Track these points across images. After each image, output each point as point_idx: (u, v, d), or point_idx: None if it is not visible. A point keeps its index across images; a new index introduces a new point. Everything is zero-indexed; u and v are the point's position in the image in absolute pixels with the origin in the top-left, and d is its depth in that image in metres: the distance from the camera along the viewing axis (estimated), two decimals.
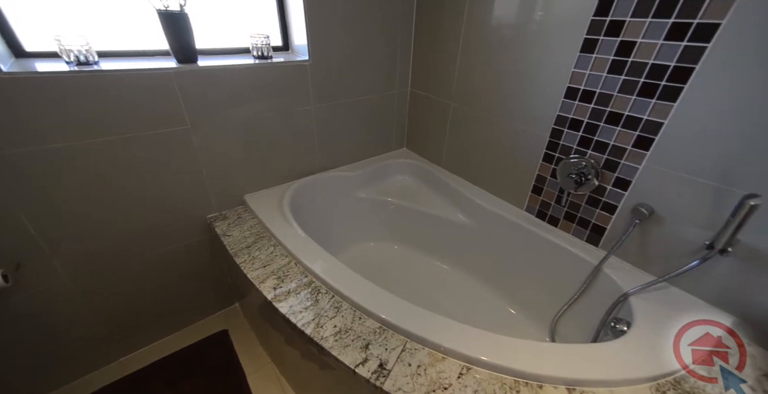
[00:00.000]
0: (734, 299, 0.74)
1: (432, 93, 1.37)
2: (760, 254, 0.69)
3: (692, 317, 0.74)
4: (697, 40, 0.69)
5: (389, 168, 1.48)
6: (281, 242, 0.98)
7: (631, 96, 0.82)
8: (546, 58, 0.95)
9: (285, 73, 1.10)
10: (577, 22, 0.85)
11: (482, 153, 1.25)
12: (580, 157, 0.95)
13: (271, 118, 1.14)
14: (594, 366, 0.65)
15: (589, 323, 0.92)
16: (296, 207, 1.15)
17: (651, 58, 0.76)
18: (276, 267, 0.92)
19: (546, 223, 1.10)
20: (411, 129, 1.56)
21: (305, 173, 1.32)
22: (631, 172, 0.86)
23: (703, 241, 0.74)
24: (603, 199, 0.93)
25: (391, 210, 1.41)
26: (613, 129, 0.87)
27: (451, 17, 1.17)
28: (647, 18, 0.75)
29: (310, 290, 0.85)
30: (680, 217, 0.79)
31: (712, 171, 0.72)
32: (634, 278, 0.85)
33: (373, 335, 0.74)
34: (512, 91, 1.07)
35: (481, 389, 0.63)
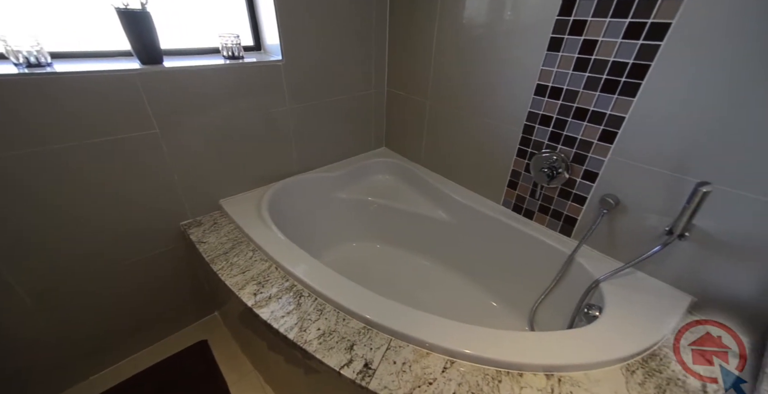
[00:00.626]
0: (692, 280, 0.80)
1: (409, 92, 1.38)
2: (712, 238, 0.74)
3: (659, 301, 0.79)
4: (651, 38, 0.73)
5: (369, 168, 1.48)
6: (260, 246, 0.96)
7: (595, 92, 0.85)
8: (516, 56, 0.98)
9: (258, 74, 1.08)
10: (543, 22, 0.88)
11: (459, 150, 1.27)
12: (551, 151, 0.98)
13: (245, 120, 1.11)
14: (569, 351, 0.68)
15: (565, 311, 0.96)
16: (275, 210, 1.13)
17: (612, 56, 0.80)
18: (256, 272, 0.90)
19: (522, 216, 1.14)
20: (389, 128, 1.56)
21: (284, 175, 1.30)
22: (597, 164, 0.90)
23: (663, 227, 0.79)
24: (573, 191, 0.97)
25: (372, 209, 1.41)
26: (580, 124, 0.91)
27: (423, 16, 1.18)
28: (606, 18, 0.79)
29: (292, 294, 0.84)
30: (642, 205, 0.84)
31: (669, 161, 0.77)
32: (604, 265, 0.89)
33: (358, 335, 0.74)
34: (485, 89, 1.10)
35: (465, 381, 0.65)
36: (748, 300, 0.72)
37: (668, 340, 0.71)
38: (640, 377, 0.64)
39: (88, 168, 0.87)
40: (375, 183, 1.48)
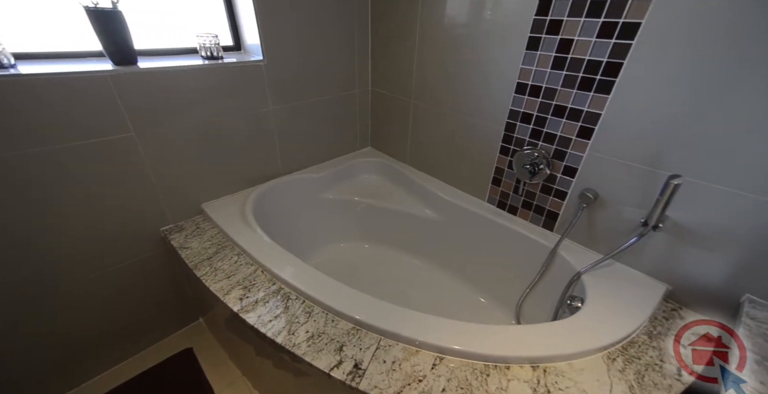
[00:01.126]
0: (667, 270, 0.83)
1: (393, 91, 1.38)
2: (684, 228, 0.77)
3: (636, 291, 0.82)
4: (623, 37, 0.76)
5: (355, 168, 1.48)
6: (245, 250, 0.94)
7: (572, 90, 0.88)
8: (496, 55, 1.00)
9: (239, 74, 1.06)
10: (522, 22, 0.90)
11: (444, 149, 1.28)
12: (532, 148, 1.01)
13: (226, 122, 1.09)
14: (554, 343, 0.69)
15: (549, 303, 0.99)
16: (260, 213, 1.11)
17: (587, 55, 0.82)
18: (241, 277, 0.88)
19: (506, 212, 1.16)
20: (375, 128, 1.56)
21: (268, 177, 1.28)
22: (576, 160, 0.93)
23: (639, 219, 0.82)
24: (555, 186, 1.00)
25: (359, 210, 1.41)
26: (559, 121, 0.93)
27: (405, 16, 1.19)
28: (581, 17, 0.81)
29: (280, 298, 0.83)
30: (619, 199, 0.87)
31: (642, 155, 0.80)
32: (584, 258, 0.92)
33: (347, 336, 0.73)
34: (468, 88, 1.11)
35: (454, 376, 0.65)
36: (718, 286, 0.76)
37: (646, 327, 0.75)
38: (621, 364, 0.67)
39: (59, 174, 0.83)
40: (361, 183, 1.47)
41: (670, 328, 0.75)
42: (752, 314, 0.67)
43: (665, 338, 0.72)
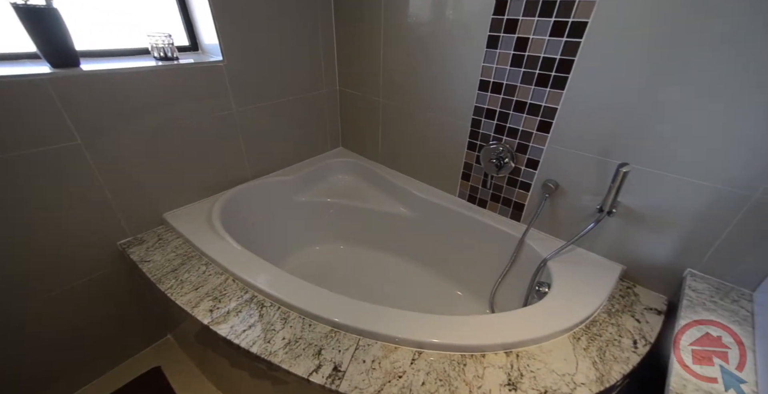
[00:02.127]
0: (621, 251, 0.90)
1: (361, 91, 1.38)
2: (634, 212, 0.84)
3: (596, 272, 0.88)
4: (573, 35, 0.80)
5: (327, 169, 1.46)
6: (214, 259, 0.90)
7: (530, 86, 0.92)
8: (459, 53, 1.02)
9: (197, 76, 1.01)
10: (481, 21, 0.93)
11: (415, 146, 1.30)
12: (497, 143, 1.04)
13: (187, 126, 1.04)
14: (524, 328, 0.73)
15: (520, 291, 1.03)
16: (229, 220, 1.07)
17: (542, 52, 0.86)
18: (210, 287, 0.84)
19: (476, 205, 1.20)
20: (345, 128, 1.55)
21: (235, 182, 1.23)
22: (538, 153, 0.97)
23: (595, 206, 0.88)
24: (519, 179, 1.04)
25: (333, 211, 1.39)
26: (520, 116, 0.97)
27: (368, 16, 1.19)
28: (535, 17, 0.85)
29: (254, 306, 0.80)
30: (578, 187, 0.93)
31: (595, 146, 0.85)
32: (549, 245, 0.97)
33: (325, 339, 0.73)
34: (434, 86, 1.13)
35: (433, 369, 0.67)
36: (665, 263, 0.83)
37: (605, 306, 0.80)
38: (585, 343, 0.71)
39: (4, 186, 0.76)
40: (334, 184, 1.46)
41: (626, 305, 0.81)
42: (693, 286, 0.74)
43: (623, 315, 0.78)
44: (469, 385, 0.64)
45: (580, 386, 0.63)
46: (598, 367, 0.66)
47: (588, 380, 0.64)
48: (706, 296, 0.72)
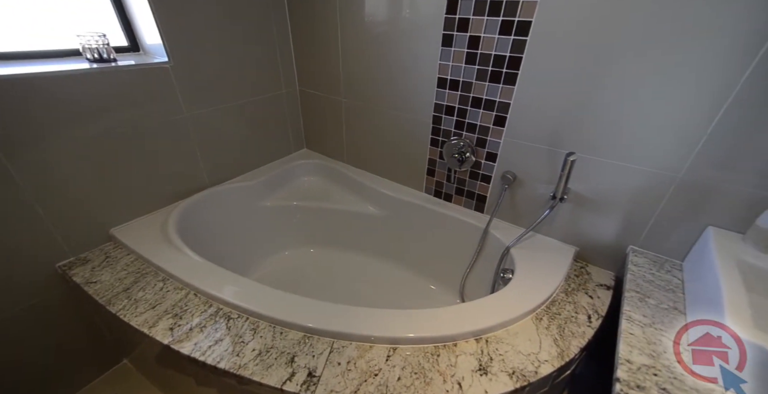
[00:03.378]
0: (574, 234, 0.97)
1: (322, 91, 1.35)
2: (583, 197, 0.91)
3: (553, 256, 0.94)
4: (519, 34, 0.85)
5: (292, 171, 1.43)
6: (172, 274, 0.84)
7: (485, 82, 0.96)
8: (417, 51, 1.03)
9: (140, 79, 0.93)
10: (435, 20, 0.95)
11: (380, 145, 1.30)
12: (458, 138, 1.08)
13: (132, 133, 0.95)
14: (492, 314, 0.76)
15: (487, 279, 1.08)
16: (187, 231, 1.00)
17: (493, 50, 0.90)
18: (169, 304, 0.79)
19: (442, 200, 1.23)
20: (308, 129, 1.52)
21: (192, 191, 1.16)
22: (496, 146, 1.02)
23: (549, 194, 0.94)
24: (481, 172, 1.09)
25: (300, 214, 1.36)
26: (477, 112, 1.01)
27: (324, 15, 1.17)
28: (484, 16, 0.88)
29: (219, 319, 0.76)
30: (533, 177, 0.98)
31: (545, 138, 0.91)
32: (511, 233, 1.02)
33: (298, 345, 0.71)
34: (394, 84, 1.14)
35: (408, 363, 0.68)
36: (611, 242, 0.91)
37: (562, 286, 0.86)
38: (546, 322, 0.77)
39: None
40: (300, 186, 1.43)
41: (580, 283, 0.88)
42: (635, 261, 0.82)
43: (578, 293, 0.85)
44: (443, 374, 0.65)
45: (544, 363, 0.67)
46: (558, 343, 0.71)
47: (550, 356, 0.69)
48: (646, 269, 0.80)
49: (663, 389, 0.54)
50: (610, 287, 0.86)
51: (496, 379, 0.64)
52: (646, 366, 0.58)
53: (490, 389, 0.63)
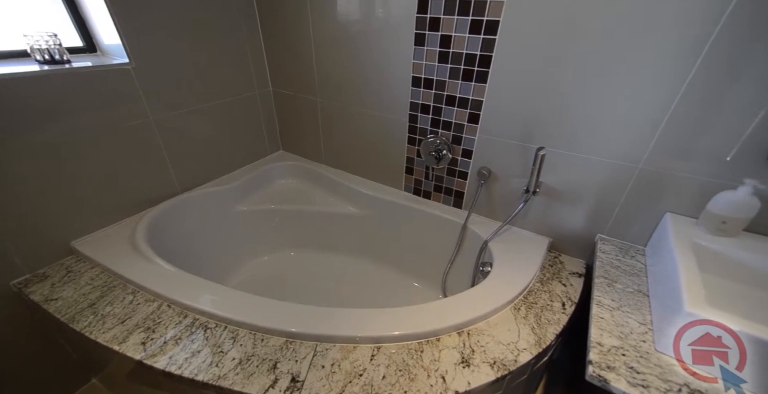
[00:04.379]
0: (547, 225, 1.01)
1: (296, 91, 1.33)
2: (554, 190, 0.95)
3: (528, 247, 0.98)
4: (489, 33, 0.87)
5: (268, 174, 1.39)
6: (142, 285, 0.80)
7: (458, 81, 0.97)
8: (391, 51, 1.04)
9: (98, 81, 0.88)
10: (407, 19, 0.95)
11: (357, 144, 1.30)
12: (434, 136, 1.09)
13: (93, 139, 0.90)
14: (472, 307, 0.78)
15: (467, 273, 1.11)
16: (158, 240, 0.96)
17: (464, 49, 0.92)
18: (140, 318, 0.75)
19: (422, 197, 1.24)
20: (284, 130, 1.49)
21: (162, 198, 1.10)
22: (471, 143, 1.04)
23: (523, 188, 0.97)
24: (457, 168, 1.11)
25: (279, 217, 1.33)
26: (452, 109, 1.03)
27: (295, 14, 1.15)
28: (454, 15, 0.89)
29: (196, 330, 0.73)
30: (507, 172, 1.01)
31: (517, 133, 0.94)
32: (489, 227, 1.05)
33: (280, 351, 0.69)
34: (370, 84, 1.14)
35: (392, 361, 0.68)
36: (581, 232, 0.95)
37: (538, 276, 0.90)
38: (524, 312, 0.79)
39: None
40: (277, 189, 1.40)
41: (554, 272, 0.92)
42: (603, 248, 0.87)
43: (553, 282, 0.89)
44: (426, 370, 0.66)
45: (523, 351, 0.70)
46: (536, 331, 0.74)
47: (529, 344, 0.71)
48: (613, 255, 0.85)
49: (630, 367, 0.58)
50: (581, 275, 0.91)
51: (478, 370, 0.66)
52: (615, 347, 0.61)
53: (472, 381, 0.64)
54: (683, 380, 0.56)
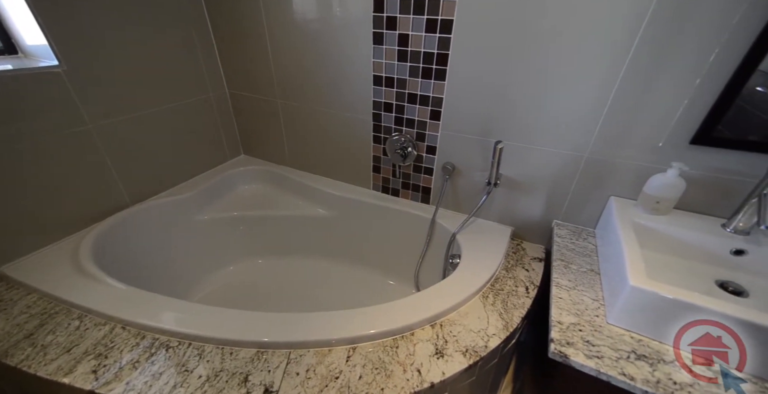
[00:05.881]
0: (509, 215, 1.06)
1: (254, 92, 1.28)
2: (513, 181, 1.00)
3: (493, 237, 1.02)
4: (444, 32, 0.89)
5: (230, 179, 1.33)
6: (90, 308, 0.73)
7: (418, 79, 0.99)
8: (351, 50, 1.03)
9: (22, 86, 0.79)
10: (365, 18, 0.95)
11: (323, 145, 1.28)
12: (399, 134, 1.10)
13: (19, 151, 0.81)
14: (444, 299, 0.80)
15: (438, 266, 1.14)
16: (107, 257, 0.88)
17: (422, 47, 0.93)
18: (90, 344, 0.68)
19: (390, 195, 1.25)
20: (244, 133, 1.43)
21: (111, 211, 1.02)
22: (434, 139, 1.06)
23: (485, 180, 1.01)
24: (423, 165, 1.13)
25: (244, 224, 1.28)
26: (414, 107, 1.04)
27: (247, 13, 1.10)
28: (410, 14, 0.90)
29: (156, 351, 0.68)
30: (470, 166, 1.05)
31: (476, 129, 0.98)
32: (456, 221, 1.08)
33: (252, 363, 0.67)
34: (332, 83, 1.12)
35: (368, 360, 0.68)
36: (539, 219, 1.01)
37: (503, 264, 0.94)
38: (492, 299, 0.83)
39: None
40: (241, 195, 1.34)
41: (518, 259, 0.97)
42: (559, 233, 0.93)
43: (516, 268, 0.93)
44: (402, 365, 0.67)
45: (492, 336, 0.73)
46: (503, 316, 0.78)
47: (497, 329, 0.75)
48: (567, 239, 0.91)
49: (587, 341, 0.62)
50: (541, 259, 0.97)
51: (451, 359, 0.68)
52: (573, 324, 0.66)
53: (446, 370, 0.66)
54: (630, 347, 0.61)
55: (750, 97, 0.67)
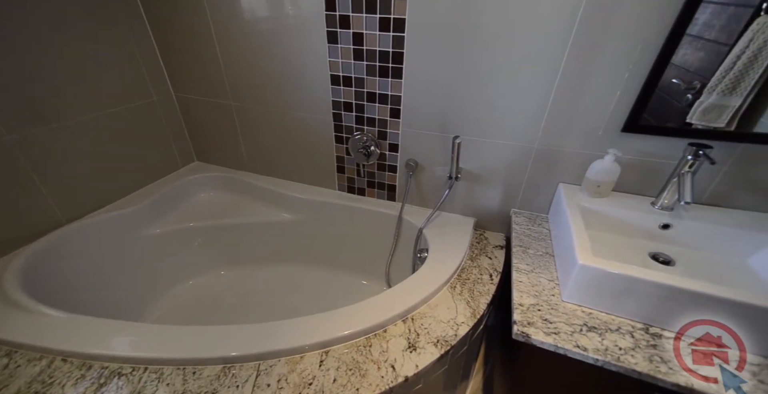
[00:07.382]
0: (471, 207, 1.11)
1: (204, 95, 1.21)
2: (472, 174, 1.04)
3: (457, 229, 1.06)
4: (397, 30, 0.90)
5: (183, 189, 1.25)
6: (21, 343, 0.65)
7: (375, 77, 0.99)
8: (306, 49, 1.01)
9: None
10: (317, 16, 0.93)
11: (283, 147, 1.24)
12: (361, 133, 1.10)
13: None
14: (414, 293, 0.81)
15: (407, 262, 1.15)
16: (40, 283, 0.79)
17: (377, 46, 0.94)
18: (23, 382, 0.60)
19: (356, 195, 1.25)
20: (196, 139, 1.34)
21: (41, 232, 0.90)
22: (396, 137, 1.08)
23: (446, 175, 1.05)
24: (387, 163, 1.14)
25: (202, 235, 1.21)
26: (374, 106, 1.04)
27: (189, 12, 1.04)
28: (363, 13, 0.90)
29: (106, 381, 0.62)
30: (431, 162, 1.08)
31: (435, 125, 1.00)
32: (421, 216, 1.10)
33: (217, 380, 0.63)
34: (289, 84, 1.09)
35: (342, 362, 0.67)
36: (498, 208, 1.07)
37: (468, 254, 0.98)
38: (459, 288, 0.86)
39: None
40: (196, 204, 1.26)
41: (481, 248, 1.01)
42: (516, 220, 0.99)
43: (480, 257, 0.97)
44: (376, 362, 0.67)
45: (461, 325, 0.75)
46: (470, 304, 0.81)
47: (465, 317, 0.77)
48: (524, 226, 0.97)
49: (545, 319, 0.67)
50: (503, 247, 1.02)
51: (423, 352, 0.69)
52: (532, 305, 0.70)
53: (419, 363, 0.67)
54: (582, 321, 0.67)
55: (668, 88, 0.76)
